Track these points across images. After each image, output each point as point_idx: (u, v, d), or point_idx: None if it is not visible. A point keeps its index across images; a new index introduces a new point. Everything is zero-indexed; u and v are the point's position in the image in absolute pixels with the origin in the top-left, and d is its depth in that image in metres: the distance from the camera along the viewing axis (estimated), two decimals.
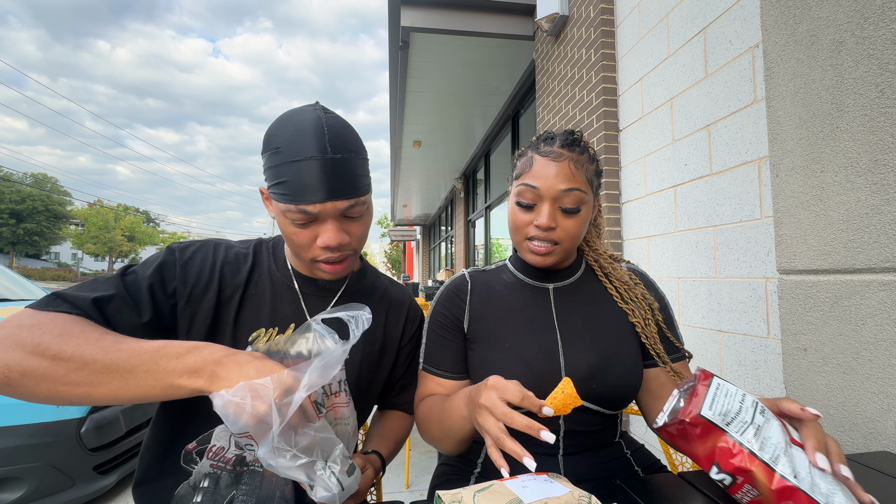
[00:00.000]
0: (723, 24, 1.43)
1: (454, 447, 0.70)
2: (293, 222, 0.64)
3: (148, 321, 0.63)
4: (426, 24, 3.03)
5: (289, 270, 0.75)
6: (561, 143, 0.75)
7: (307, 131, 0.61)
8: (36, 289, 3.02)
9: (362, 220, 0.69)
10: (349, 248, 0.68)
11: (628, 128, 2.01)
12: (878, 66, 0.73)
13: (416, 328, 0.87)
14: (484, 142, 5.79)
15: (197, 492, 0.66)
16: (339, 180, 0.62)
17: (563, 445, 0.75)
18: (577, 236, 0.75)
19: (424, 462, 2.31)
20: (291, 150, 0.61)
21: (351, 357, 0.75)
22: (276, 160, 0.62)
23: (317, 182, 0.61)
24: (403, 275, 20.39)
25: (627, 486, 0.57)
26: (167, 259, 0.68)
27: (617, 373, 0.73)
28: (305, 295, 0.75)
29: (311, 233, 0.65)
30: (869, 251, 0.75)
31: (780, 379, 1.21)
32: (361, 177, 0.66)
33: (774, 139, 0.91)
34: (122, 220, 38.84)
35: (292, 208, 0.62)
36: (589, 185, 0.74)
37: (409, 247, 23.98)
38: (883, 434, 0.72)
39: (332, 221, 0.64)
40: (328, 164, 0.61)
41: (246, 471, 0.68)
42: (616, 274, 0.82)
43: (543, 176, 0.72)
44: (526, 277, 0.83)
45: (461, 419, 0.63)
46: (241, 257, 0.74)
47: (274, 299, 0.72)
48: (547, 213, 0.72)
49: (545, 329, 0.76)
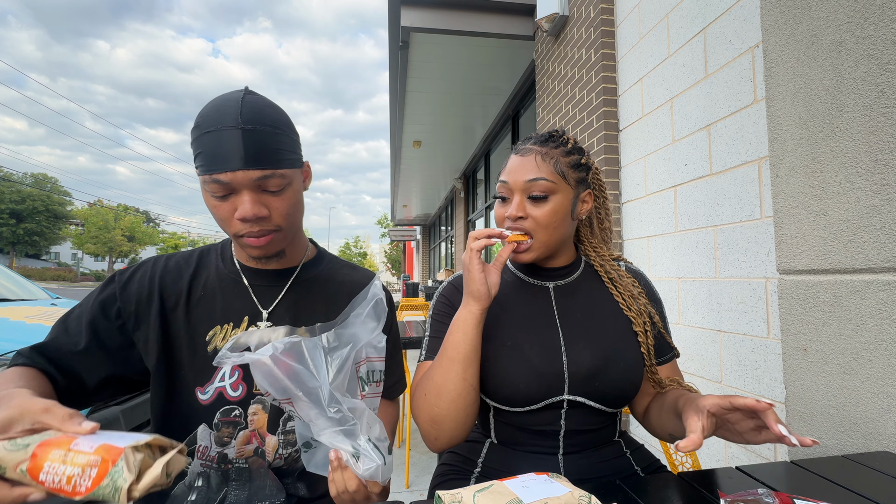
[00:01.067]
0: (723, 24, 1.43)
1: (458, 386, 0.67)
2: (212, 194, 0.65)
3: (85, 348, 0.67)
4: (426, 24, 3.03)
5: (236, 266, 0.77)
6: (534, 141, 0.78)
7: (224, 107, 0.64)
8: (36, 289, 3.02)
9: (283, 195, 0.68)
10: (270, 224, 0.67)
11: (628, 128, 2.01)
12: (878, 66, 0.73)
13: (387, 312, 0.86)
14: (484, 142, 5.79)
15: (192, 490, 0.68)
16: (251, 150, 0.63)
17: (562, 445, 0.75)
18: (550, 226, 0.74)
19: (424, 462, 2.31)
20: (207, 123, 0.63)
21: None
22: (195, 134, 0.64)
23: (228, 151, 0.62)
24: (403, 275, 20.39)
25: (627, 486, 0.57)
26: (107, 287, 0.72)
27: (619, 371, 0.73)
28: (255, 287, 0.75)
29: (231, 205, 0.65)
30: (869, 251, 0.75)
31: (780, 379, 1.21)
32: (278, 150, 0.66)
33: (774, 139, 0.91)
34: (122, 220, 38.82)
35: (208, 178, 0.63)
36: (560, 177, 0.74)
37: (409, 247, 23.98)
38: (883, 434, 0.72)
39: (247, 193, 0.64)
40: (240, 133, 0.62)
41: (231, 468, 0.70)
42: (622, 283, 0.81)
43: (512, 170, 0.77)
44: (526, 276, 0.83)
45: (463, 321, 0.68)
46: (183, 263, 0.76)
47: (224, 296, 0.74)
48: (516, 203, 0.75)
49: (547, 328, 0.77)
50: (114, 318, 0.69)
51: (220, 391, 0.70)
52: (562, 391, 0.72)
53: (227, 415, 0.70)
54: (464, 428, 0.70)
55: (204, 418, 0.69)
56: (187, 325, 0.71)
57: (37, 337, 1.91)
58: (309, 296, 0.78)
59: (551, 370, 0.72)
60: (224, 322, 0.72)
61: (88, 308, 0.69)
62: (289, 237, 0.73)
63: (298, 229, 0.77)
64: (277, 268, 0.77)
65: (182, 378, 0.70)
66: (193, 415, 0.70)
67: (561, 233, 0.77)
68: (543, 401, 0.73)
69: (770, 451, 1.24)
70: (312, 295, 0.78)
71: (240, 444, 0.70)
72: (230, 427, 0.70)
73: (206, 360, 0.70)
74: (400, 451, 2.42)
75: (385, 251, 37.76)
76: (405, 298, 5.88)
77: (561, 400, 0.73)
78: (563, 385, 0.72)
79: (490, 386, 0.74)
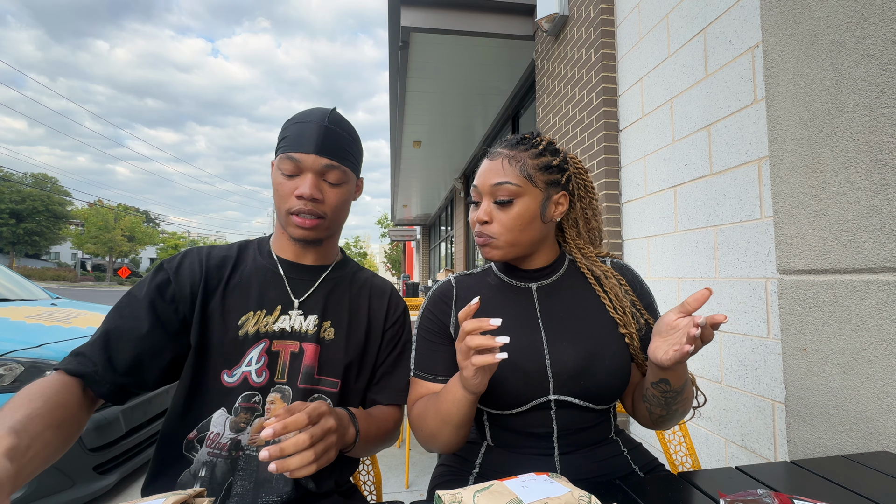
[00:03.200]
0: (723, 24, 1.43)
1: (451, 436, 0.70)
2: (282, 172, 0.75)
3: (149, 331, 0.70)
4: (426, 24, 3.03)
5: (273, 259, 0.82)
6: (506, 144, 0.80)
7: (316, 110, 0.78)
8: (36, 289, 3.02)
9: (339, 189, 0.77)
10: (321, 209, 0.75)
11: (628, 128, 2.01)
12: (878, 66, 0.73)
13: (399, 315, 0.89)
14: (484, 142, 5.79)
15: (196, 480, 0.68)
16: (326, 143, 0.75)
17: (557, 446, 0.75)
18: (515, 229, 0.75)
19: (424, 462, 2.31)
20: (299, 117, 0.77)
21: (335, 342, 0.79)
22: (287, 124, 0.77)
23: (308, 138, 0.74)
24: (403, 275, 20.39)
25: (627, 486, 0.57)
26: (158, 272, 0.76)
27: (604, 369, 0.73)
28: (290, 279, 0.81)
29: (293, 184, 0.74)
30: (869, 251, 0.75)
31: (780, 379, 1.21)
32: (348, 151, 0.78)
33: (774, 139, 0.91)
34: (122, 220, 38.80)
35: (284, 157, 0.74)
36: (527, 180, 0.75)
37: (409, 247, 23.98)
38: (883, 434, 0.72)
39: (311, 176, 0.74)
40: (322, 129, 0.75)
41: (241, 455, 0.70)
42: (608, 283, 0.80)
43: (481, 174, 0.79)
44: (509, 278, 0.84)
45: (456, 398, 0.66)
46: (225, 253, 0.82)
47: (261, 285, 0.79)
48: (482, 208, 0.77)
49: (530, 328, 0.77)
50: (169, 301, 0.73)
51: (246, 375, 0.73)
52: (547, 391, 0.73)
53: (248, 400, 0.72)
54: (458, 445, 0.73)
55: (225, 402, 0.72)
56: (222, 308, 0.75)
57: (36, 337, 1.92)
58: (337, 292, 0.83)
59: (535, 370, 0.73)
60: (257, 309, 0.76)
61: (145, 293, 0.73)
62: (331, 230, 0.80)
63: (339, 229, 0.84)
64: (312, 263, 0.83)
65: (211, 360, 0.73)
66: (216, 397, 0.72)
67: (529, 235, 0.77)
68: (530, 402, 0.73)
69: (770, 451, 1.24)
70: (340, 292, 0.84)
71: (254, 432, 0.72)
72: (248, 413, 0.72)
73: (236, 344, 0.73)
74: (400, 452, 2.42)
75: (385, 251, 37.75)
76: (405, 298, 5.90)
77: (548, 400, 0.73)
78: (548, 385, 0.73)
79: None
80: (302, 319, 0.77)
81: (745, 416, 1.33)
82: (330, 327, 0.79)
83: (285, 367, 0.75)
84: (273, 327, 0.75)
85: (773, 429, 1.23)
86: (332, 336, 0.79)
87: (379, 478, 1.00)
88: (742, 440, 1.34)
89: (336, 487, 0.80)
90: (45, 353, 1.80)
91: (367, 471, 1.00)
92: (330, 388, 0.77)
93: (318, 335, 0.77)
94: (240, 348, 0.73)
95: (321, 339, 0.78)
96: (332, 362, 0.77)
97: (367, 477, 1.00)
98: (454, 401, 0.66)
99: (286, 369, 0.75)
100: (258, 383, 0.73)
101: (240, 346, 0.73)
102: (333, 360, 0.78)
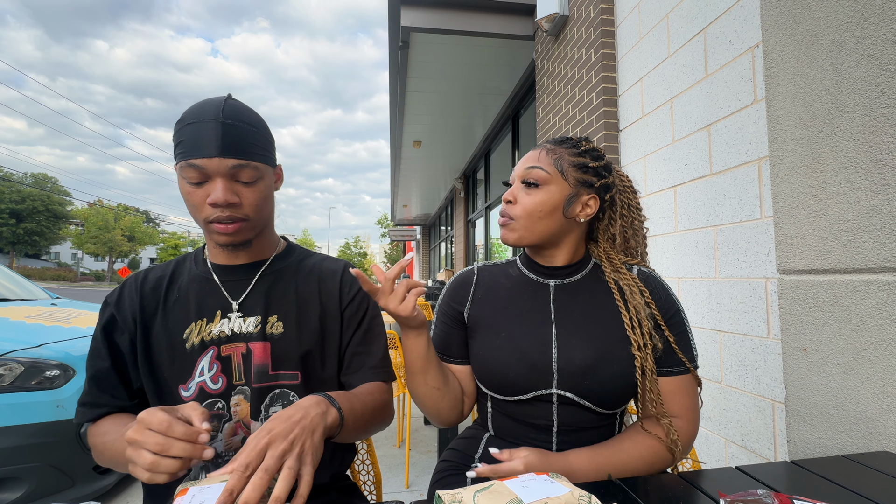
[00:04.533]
0: (723, 23, 1.43)
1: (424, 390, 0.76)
2: (188, 181, 0.70)
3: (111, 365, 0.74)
4: (426, 24, 3.03)
5: (208, 266, 0.80)
6: (553, 140, 0.83)
7: (207, 104, 0.71)
8: (36, 289, 3.02)
9: (255, 187, 0.73)
10: (240, 212, 0.71)
11: (628, 128, 2.01)
12: (878, 65, 0.73)
13: (357, 292, 0.85)
14: (484, 142, 5.79)
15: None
16: (228, 141, 0.69)
17: (556, 441, 0.75)
18: (534, 214, 0.77)
19: (424, 462, 2.31)
20: (190, 116, 0.70)
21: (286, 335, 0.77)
22: (178, 126, 0.71)
23: (206, 140, 0.68)
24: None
25: (627, 486, 0.57)
26: (105, 310, 0.78)
27: (611, 372, 0.73)
28: (225, 283, 0.79)
29: (204, 192, 0.70)
30: (869, 251, 0.75)
31: (780, 379, 1.21)
32: (253, 144, 0.72)
33: (774, 139, 0.91)
34: (122, 219, 38.80)
35: (185, 164, 0.69)
36: (557, 171, 0.77)
37: (409, 247, 23.98)
38: (883, 434, 0.72)
39: (221, 180, 0.69)
40: (219, 126, 0.68)
41: (222, 461, 0.72)
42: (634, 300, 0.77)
43: (521, 161, 0.82)
44: (530, 273, 0.85)
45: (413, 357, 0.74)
46: (160, 273, 0.81)
47: (198, 295, 0.78)
48: (511, 189, 0.81)
49: (541, 322, 0.78)
50: (120, 334, 0.75)
51: (201, 385, 0.72)
52: (551, 384, 0.74)
53: (211, 408, 0.72)
54: (453, 413, 0.80)
55: None
56: (165, 327, 0.75)
57: (37, 337, 1.92)
58: (279, 285, 0.81)
59: (540, 361, 0.74)
60: (198, 318, 0.75)
61: (100, 332, 0.76)
62: (257, 229, 0.76)
63: (268, 224, 0.81)
64: (246, 262, 0.80)
65: (165, 380, 0.74)
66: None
67: (547, 225, 0.78)
68: (532, 391, 0.74)
69: (770, 451, 1.24)
70: (283, 284, 0.81)
71: (227, 437, 0.72)
72: (215, 420, 0.72)
73: (186, 358, 0.73)
74: (400, 452, 2.42)
75: (385, 251, 37.75)
76: None
77: (550, 393, 0.74)
78: (552, 378, 0.74)
79: (482, 373, 0.79)
80: (241, 321, 0.76)
81: (745, 416, 1.33)
82: (277, 321, 0.77)
83: (240, 369, 0.74)
84: (215, 334, 0.74)
85: (773, 429, 1.23)
86: (280, 330, 0.77)
87: (379, 478, 1.00)
88: (742, 440, 1.34)
89: (333, 482, 0.80)
90: (45, 353, 1.80)
91: (367, 471, 1.00)
92: (290, 381, 0.76)
93: (263, 332, 0.76)
94: (189, 360, 0.73)
95: (269, 336, 0.76)
96: (287, 355, 0.76)
97: (367, 477, 1.00)
98: (409, 350, 0.74)
99: (241, 371, 0.74)
100: (216, 390, 0.73)
101: (188, 357, 0.73)
102: (287, 353, 0.76)
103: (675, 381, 0.75)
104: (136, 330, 0.75)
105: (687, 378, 0.76)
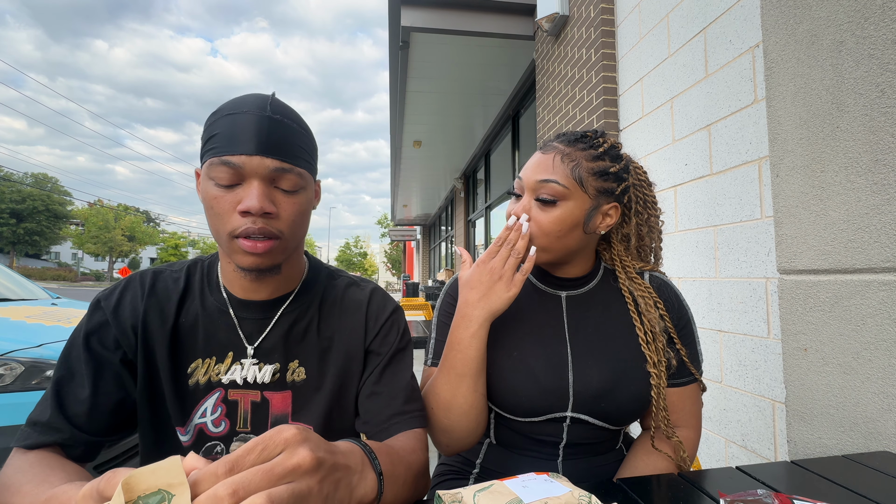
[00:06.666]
0: (723, 23, 1.43)
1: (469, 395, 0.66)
2: (216, 182, 0.56)
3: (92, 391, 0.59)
4: (426, 24, 3.03)
5: (223, 295, 0.67)
6: (564, 138, 0.72)
7: (251, 97, 0.59)
8: (36, 289, 3.02)
9: (296, 198, 0.60)
10: (275, 226, 0.58)
11: (628, 128, 2.01)
12: (878, 65, 0.73)
13: (384, 322, 0.71)
14: (484, 142, 5.79)
15: None
16: (272, 139, 0.56)
17: (562, 454, 0.74)
18: (552, 234, 0.68)
19: None
20: (228, 107, 0.58)
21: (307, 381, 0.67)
22: (212, 119, 0.58)
23: (247, 134, 0.55)
24: (404, 275, 20.39)
25: (627, 486, 0.57)
26: (94, 314, 0.63)
27: (629, 394, 0.70)
28: (241, 319, 0.66)
29: (234, 197, 0.56)
30: (869, 251, 0.74)
31: (780, 379, 1.21)
32: (301, 148, 0.60)
33: (774, 139, 0.91)
34: (122, 219, 38.82)
35: (216, 161, 0.55)
36: (576, 182, 0.67)
37: (409, 247, 23.98)
38: (883, 434, 0.72)
39: (258, 183, 0.56)
40: (264, 120, 0.56)
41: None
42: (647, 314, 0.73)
43: (529, 167, 0.72)
44: (538, 282, 0.79)
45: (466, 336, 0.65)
46: (171, 285, 0.67)
47: (208, 327, 0.65)
48: (522, 204, 0.71)
49: (555, 341, 0.73)
50: (112, 349, 0.62)
51: (201, 427, 0.64)
52: (565, 408, 0.70)
53: (210, 453, 0.64)
54: (476, 434, 0.69)
55: None
56: (170, 354, 0.64)
57: (37, 337, 1.92)
58: (301, 324, 0.68)
59: (556, 387, 0.70)
60: (206, 356, 0.65)
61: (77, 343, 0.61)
62: (288, 251, 0.63)
63: (298, 247, 0.68)
64: (268, 297, 0.67)
65: (164, 413, 0.64)
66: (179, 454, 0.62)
67: (566, 244, 0.70)
68: (546, 415, 0.71)
69: (770, 451, 1.24)
70: (304, 322, 0.69)
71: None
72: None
73: (187, 396, 0.64)
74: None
75: (385, 251, 37.75)
76: (405, 298, 5.88)
77: (564, 416, 0.71)
78: (568, 402, 0.70)
79: (493, 393, 0.72)
80: (257, 370, 0.64)
81: (745, 416, 1.33)
82: (299, 367, 0.66)
83: (247, 417, 0.64)
84: (224, 378, 0.64)
85: (774, 429, 1.23)
86: (303, 377, 0.66)
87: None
88: (742, 440, 1.34)
89: None
90: (46, 353, 1.80)
91: None
92: None
93: (283, 381, 0.65)
94: (190, 399, 0.64)
95: (291, 384, 0.66)
96: (309, 404, 0.66)
97: None
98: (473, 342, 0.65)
99: (248, 418, 0.64)
100: (217, 433, 0.64)
101: (190, 396, 0.64)
102: (310, 400, 0.66)
103: (683, 391, 0.74)
104: (138, 346, 0.62)
105: (694, 387, 0.75)
